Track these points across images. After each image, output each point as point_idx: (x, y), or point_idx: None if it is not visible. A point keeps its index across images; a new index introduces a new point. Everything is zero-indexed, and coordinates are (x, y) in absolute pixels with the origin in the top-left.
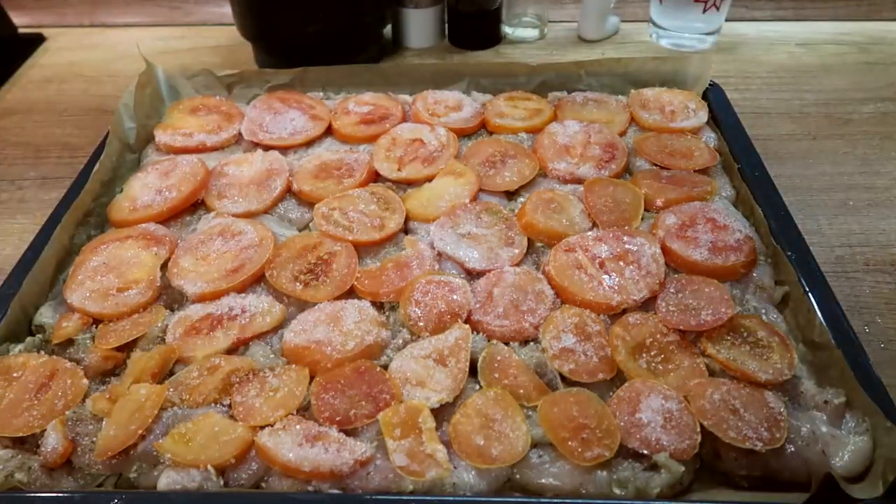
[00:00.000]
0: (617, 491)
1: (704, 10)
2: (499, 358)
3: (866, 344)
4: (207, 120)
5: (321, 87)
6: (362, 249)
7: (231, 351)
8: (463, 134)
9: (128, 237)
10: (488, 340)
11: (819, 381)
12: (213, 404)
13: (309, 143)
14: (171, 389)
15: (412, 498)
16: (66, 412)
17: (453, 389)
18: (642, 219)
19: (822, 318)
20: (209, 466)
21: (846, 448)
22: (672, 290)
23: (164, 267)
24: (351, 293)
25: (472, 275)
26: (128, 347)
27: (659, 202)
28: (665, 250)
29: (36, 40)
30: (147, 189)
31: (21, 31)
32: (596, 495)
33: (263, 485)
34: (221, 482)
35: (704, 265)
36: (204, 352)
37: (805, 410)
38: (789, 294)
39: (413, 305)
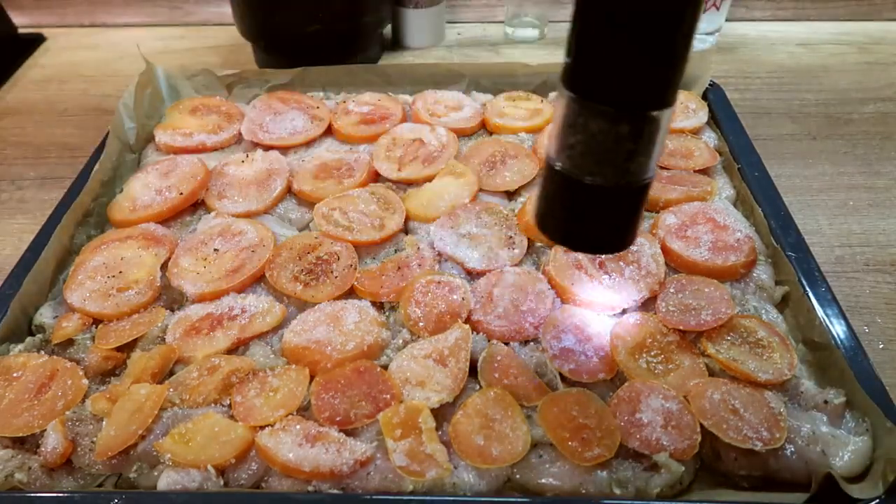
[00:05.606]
0: (617, 491)
1: (704, 10)
2: (499, 358)
3: (866, 344)
4: (207, 120)
5: (321, 87)
6: (362, 249)
7: (231, 351)
8: (463, 134)
9: (128, 237)
10: (488, 340)
11: (819, 381)
12: (213, 404)
13: (309, 143)
14: (171, 389)
15: (412, 498)
16: (66, 412)
17: (453, 389)
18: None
19: (822, 318)
20: (209, 466)
21: (846, 448)
22: (672, 290)
23: (164, 267)
24: (351, 293)
25: (472, 275)
26: (128, 347)
27: (659, 202)
28: (665, 250)
29: (36, 40)
30: (147, 189)
31: (21, 31)
32: (596, 495)
33: (263, 485)
34: (221, 482)
35: (704, 265)
36: (204, 352)
37: (805, 410)
38: (789, 294)
39: (413, 305)
